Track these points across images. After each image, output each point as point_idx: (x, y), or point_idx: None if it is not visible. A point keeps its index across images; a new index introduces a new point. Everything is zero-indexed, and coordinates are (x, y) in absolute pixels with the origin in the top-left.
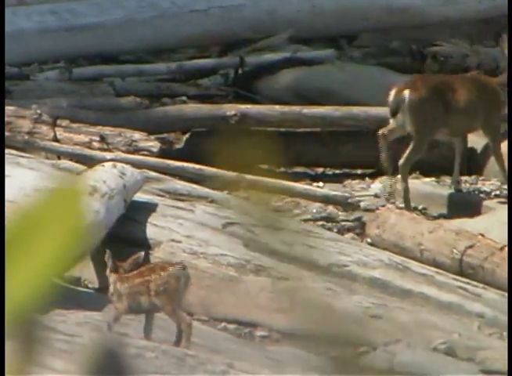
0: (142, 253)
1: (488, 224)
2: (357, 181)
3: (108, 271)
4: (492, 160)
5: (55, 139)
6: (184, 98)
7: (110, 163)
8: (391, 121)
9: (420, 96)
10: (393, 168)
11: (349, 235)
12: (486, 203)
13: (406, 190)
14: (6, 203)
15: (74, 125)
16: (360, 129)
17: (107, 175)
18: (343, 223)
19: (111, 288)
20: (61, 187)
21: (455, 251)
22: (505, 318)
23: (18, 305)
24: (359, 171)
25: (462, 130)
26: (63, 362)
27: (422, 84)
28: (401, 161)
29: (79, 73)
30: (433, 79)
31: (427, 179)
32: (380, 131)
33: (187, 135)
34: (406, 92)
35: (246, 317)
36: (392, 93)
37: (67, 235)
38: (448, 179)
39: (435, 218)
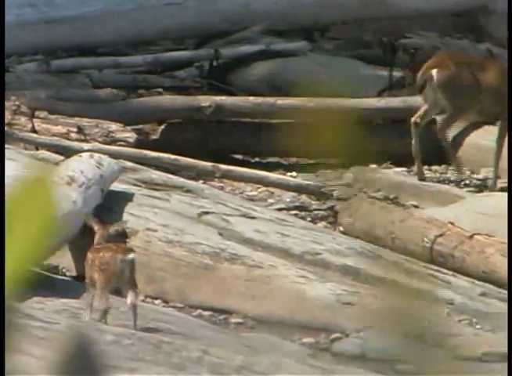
0: (125, 220)
1: (458, 213)
2: (329, 171)
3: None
4: (462, 150)
5: (34, 130)
6: (160, 89)
7: (88, 153)
8: (422, 104)
9: (449, 73)
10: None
11: (322, 224)
12: (456, 192)
13: (451, 151)
14: None
15: (52, 117)
16: (333, 121)
17: (85, 166)
18: (316, 212)
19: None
20: (32, 178)
21: (425, 239)
22: (474, 304)
23: None
24: (331, 161)
25: (493, 112)
26: (41, 348)
27: (451, 61)
28: (439, 129)
29: (57, 65)
30: (462, 57)
31: (399, 169)
32: (413, 119)
33: (163, 126)
34: (434, 71)
35: (221, 304)
36: (420, 71)
37: (42, 224)
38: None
39: (406, 207)
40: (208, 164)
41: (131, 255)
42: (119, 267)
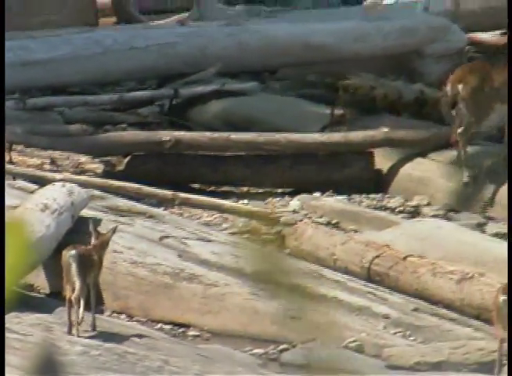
0: (116, 226)
1: (393, 236)
2: (277, 198)
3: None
4: (396, 180)
5: (11, 162)
6: (124, 125)
7: (60, 183)
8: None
9: (472, 87)
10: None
11: (271, 246)
12: (391, 218)
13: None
14: None
15: (28, 150)
16: (281, 153)
17: (57, 194)
18: (265, 236)
19: None
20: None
21: (364, 260)
22: (408, 319)
23: None
24: (279, 190)
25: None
26: (18, 358)
27: (471, 75)
28: (459, 131)
29: (32, 103)
30: (478, 69)
31: (340, 197)
32: (454, 139)
33: (127, 159)
34: (460, 86)
35: (180, 319)
36: (448, 88)
37: (19, 251)
38: (357, 197)
39: (347, 231)
40: (168, 193)
41: (73, 251)
42: (66, 260)
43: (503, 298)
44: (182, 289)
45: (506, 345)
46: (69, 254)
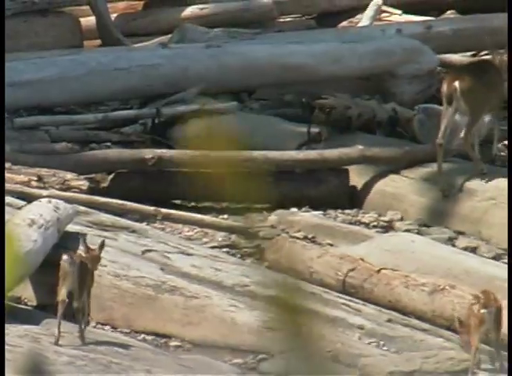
0: (103, 240)
1: (368, 250)
2: (256, 214)
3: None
4: (370, 196)
5: None
6: (109, 144)
7: (46, 199)
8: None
9: (468, 84)
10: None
11: (250, 260)
12: (365, 232)
13: (476, 159)
14: None
15: (15, 167)
16: (259, 170)
17: (44, 209)
18: (244, 250)
19: None
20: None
21: (339, 273)
22: (381, 329)
23: None
24: (258, 206)
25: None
26: (9, 368)
27: (467, 73)
28: (463, 137)
29: (20, 122)
30: (474, 66)
31: (316, 212)
32: (437, 141)
33: (111, 176)
34: (457, 83)
35: (162, 330)
36: (445, 85)
37: (8, 264)
38: (333, 213)
39: (323, 245)
40: (151, 208)
41: (72, 257)
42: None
43: (485, 311)
44: (163, 301)
45: (478, 353)
46: (68, 259)
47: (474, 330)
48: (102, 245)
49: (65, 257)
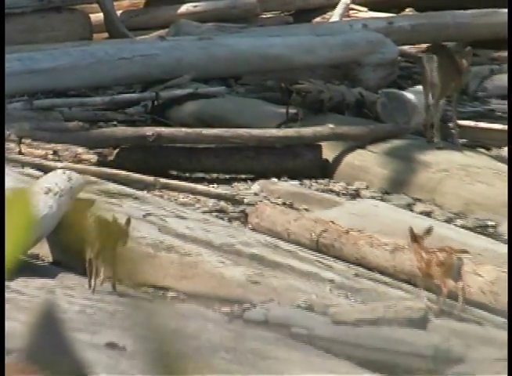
0: (130, 217)
1: (337, 214)
2: (241, 183)
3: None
4: (340, 168)
5: (21, 153)
6: (115, 122)
7: (61, 170)
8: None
9: (443, 58)
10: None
11: (236, 223)
12: (336, 199)
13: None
14: None
15: (34, 143)
16: (244, 146)
17: (58, 179)
18: (231, 214)
19: None
20: (16, 197)
21: (313, 234)
22: (349, 283)
23: None
24: (243, 176)
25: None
26: (25, 315)
27: (443, 49)
28: (432, 102)
29: (38, 104)
30: (445, 49)
31: (293, 182)
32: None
33: (117, 150)
34: (434, 58)
35: (161, 283)
36: (425, 58)
37: (25, 226)
38: (308, 182)
39: (299, 210)
40: (151, 178)
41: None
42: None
43: (457, 257)
44: (161, 258)
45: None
46: (94, 220)
47: (442, 276)
48: (128, 221)
49: (91, 218)
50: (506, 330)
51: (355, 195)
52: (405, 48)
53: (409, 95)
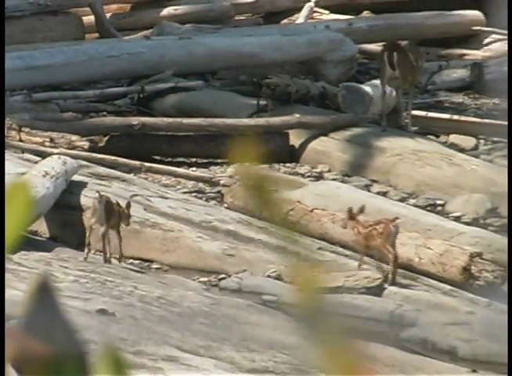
0: (129, 201)
1: (303, 195)
2: (218, 167)
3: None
4: (305, 153)
5: (21, 140)
6: (105, 113)
7: (57, 156)
8: (394, 72)
9: (401, 55)
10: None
11: (213, 202)
12: (301, 181)
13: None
14: None
15: (33, 131)
16: (220, 133)
17: (55, 164)
18: (209, 194)
19: None
20: (15, 184)
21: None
22: (313, 255)
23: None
24: (219, 160)
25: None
26: (26, 285)
27: (399, 48)
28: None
29: (36, 97)
30: (400, 47)
31: (264, 166)
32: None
33: (107, 138)
34: (395, 53)
35: (146, 256)
36: (385, 54)
37: (26, 206)
38: (277, 166)
39: None
40: (137, 163)
41: (97, 195)
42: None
43: (394, 223)
44: (147, 234)
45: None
46: (98, 198)
47: (384, 245)
48: (128, 205)
49: (95, 196)
50: (453, 297)
51: (319, 177)
52: (363, 46)
53: (366, 88)
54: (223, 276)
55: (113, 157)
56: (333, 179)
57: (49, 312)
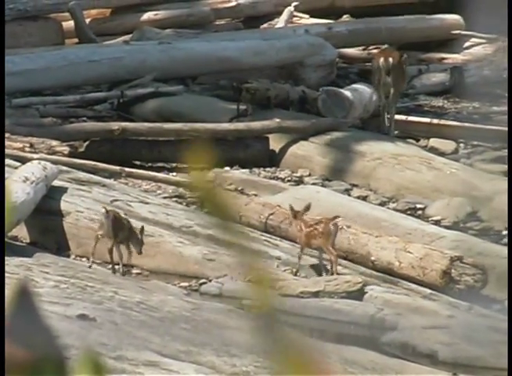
0: (143, 225)
1: (283, 199)
2: (197, 171)
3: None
4: (285, 157)
5: None
6: (85, 118)
7: (37, 161)
8: (387, 79)
9: (395, 62)
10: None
11: (193, 207)
12: (282, 185)
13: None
14: None
15: (13, 136)
16: (200, 137)
17: (35, 169)
18: (189, 199)
19: None
20: None
21: (261, 216)
22: (294, 260)
23: None
24: (199, 165)
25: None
26: (6, 290)
27: (394, 55)
28: (391, 100)
29: (16, 102)
30: (396, 54)
31: (244, 170)
32: (381, 104)
33: (87, 143)
34: (390, 59)
35: (126, 261)
36: (381, 60)
37: (7, 211)
38: (257, 170)
39: (249, 195)
40: (117, 168)
41: (103, 210)
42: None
43: (334, 222)
44: None
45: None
46: (104, 213)
47: (325, 244)
48: (142, 230)
49: (103, 211)
50: (433, 301)
51: (299, 181)
52: (343, 50)
53: (346, 92)
54: (204, 280)
55: (94, 163)
56: (314, 184)
57: (29, 316)
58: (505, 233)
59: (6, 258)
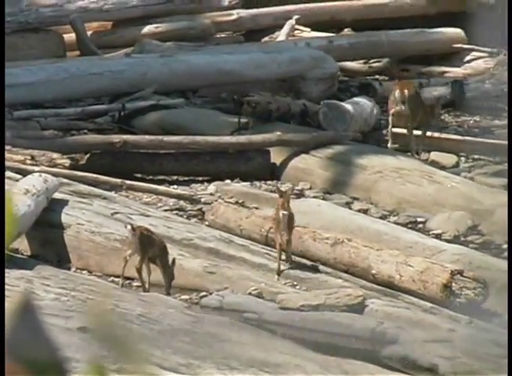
0: (174, 258)
1: None
2: (199, 184)
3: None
4: (286, 171)
5: None
6: (86, 131)
7: (38, 173)
8: (402, 107)
9: (410, 94)
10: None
11: (194, 220)
12: None
13: (413, 141)
14: None
15: (14, 149)
16: (201, 151)
17: (36, 181)
18: (190, 212)
19: None
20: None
21: (262, 230)
22: (295, 272)
23: None
24: (200, 178)
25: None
26: (7, 303)
27: (409, 87)
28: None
29: (17, 115)
30: (411, 84)
31: (245, 183)
32: (393, 111)
33: (88, 155)
34: (406, 91)
35: (127, 273)
36: (397, 91)
37: (8, 224)
38: (258, 183)
39: (250, 208)
40: (118, 181)
41: (129, 227)
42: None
43: (283, 212)
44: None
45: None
46: (131, 231)
47: (278, 229)
48: (173, 262)
49: (128, 228)
50: (433, 315)
51: (300, 195)
52: (344, 63)
53: (347, 105)
54: (204, 293)
55: (95, 175)
56: (315, 197)
57: (31, 329)
58: (505, 246)
59: (7, 270)
